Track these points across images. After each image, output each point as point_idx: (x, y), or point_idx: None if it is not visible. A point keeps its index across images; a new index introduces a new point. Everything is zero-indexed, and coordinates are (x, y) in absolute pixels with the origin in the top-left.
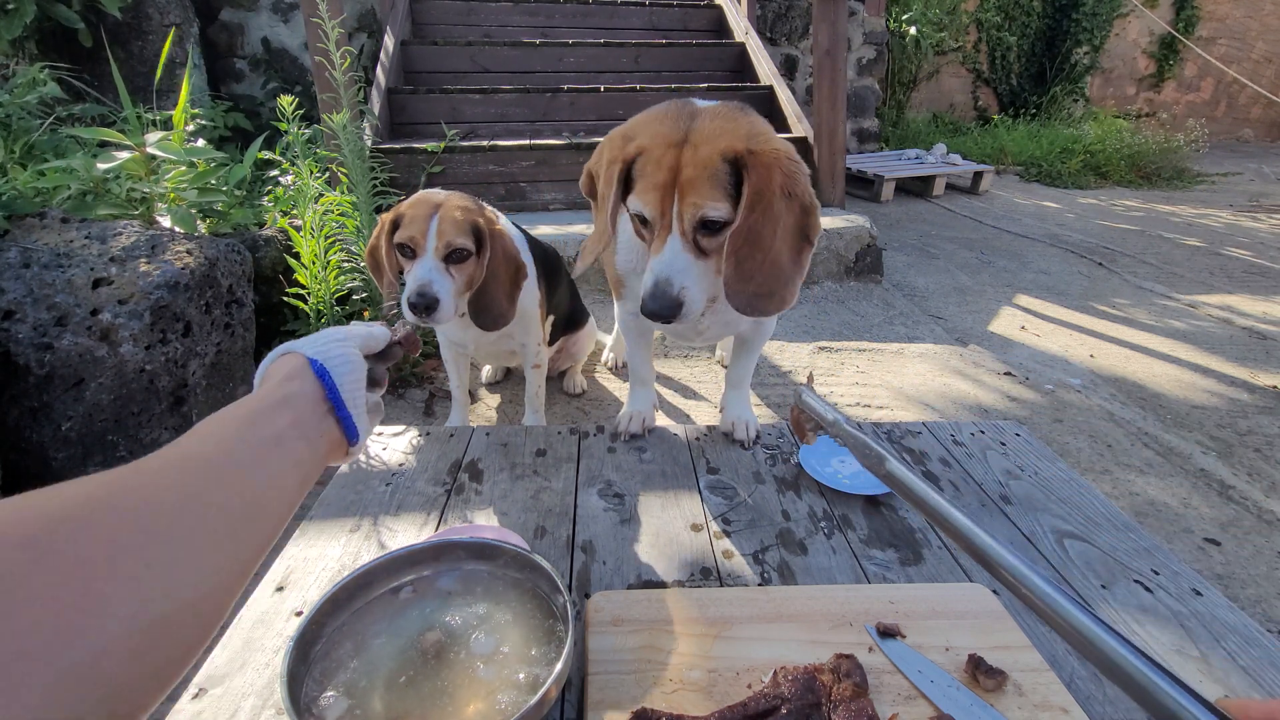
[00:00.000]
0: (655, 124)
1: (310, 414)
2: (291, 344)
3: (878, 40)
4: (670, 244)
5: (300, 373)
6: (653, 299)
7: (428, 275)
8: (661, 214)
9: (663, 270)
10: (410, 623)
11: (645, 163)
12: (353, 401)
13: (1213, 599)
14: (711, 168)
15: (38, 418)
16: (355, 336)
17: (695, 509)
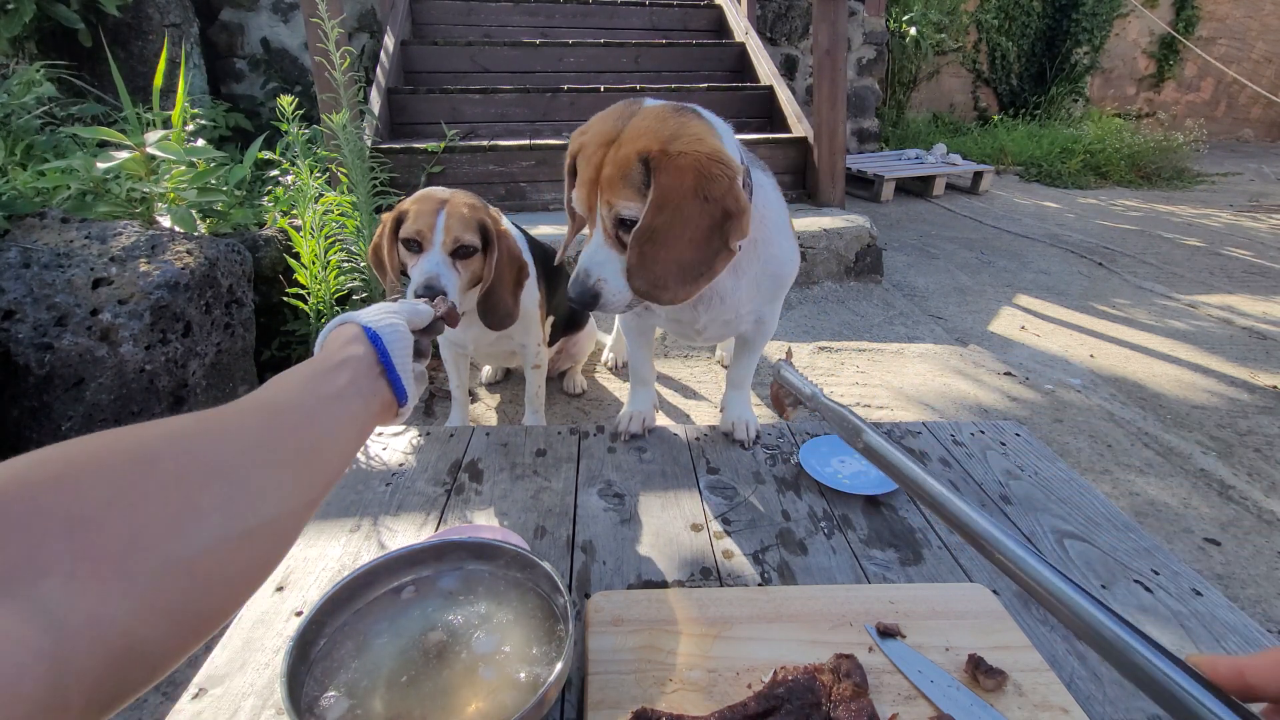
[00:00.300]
0: (601, 122)
1: (365, 375)
2: (348, 314)
3: (878, 40)
4: (595, 238)
5: (357, 338)
6: (571, 287)
7: (435, 268)
8: (589, 210)
9: (584, 262)
10: (412, 622)
11: (581, 160)
12: (402, 366)
13: (1213, 599)
14: (627, 167)
15: (38, 418)
16: (404, 311)
17: (695, 509)
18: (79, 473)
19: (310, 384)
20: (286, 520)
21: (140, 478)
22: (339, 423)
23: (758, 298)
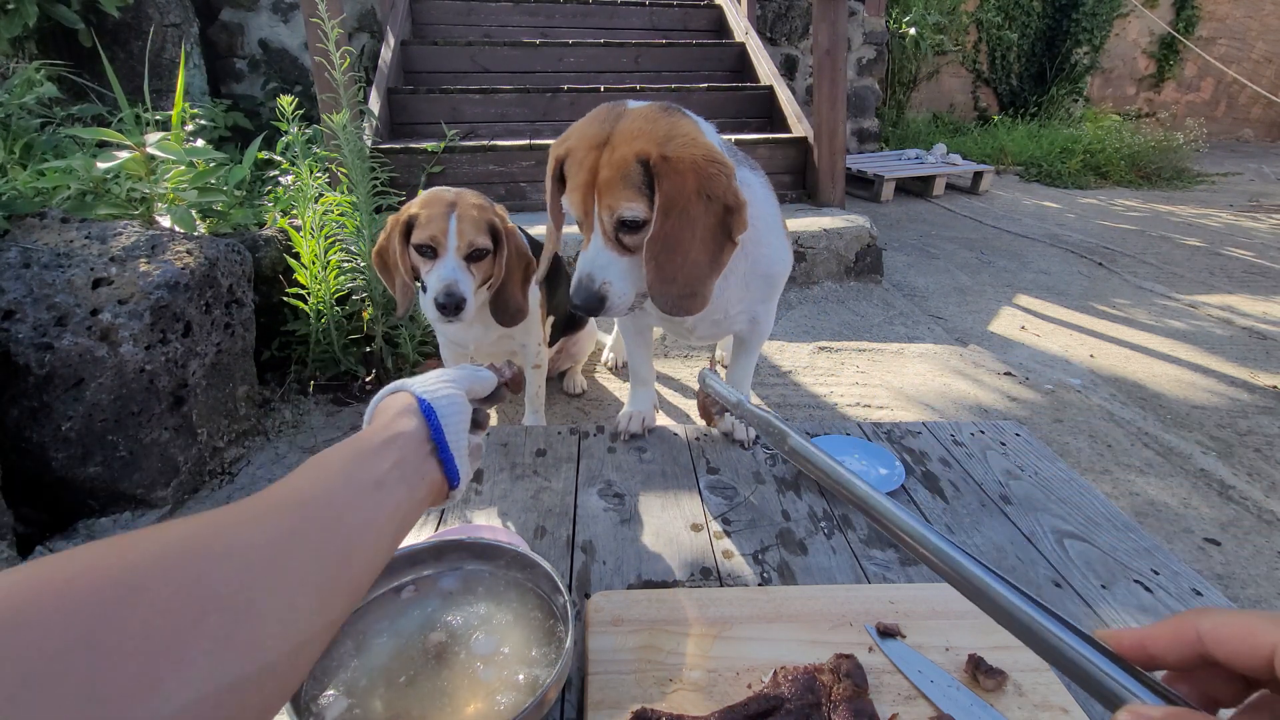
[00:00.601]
0: (586, 125)
1: (414, 454)
2: (402, 382)
3: (878, 40)
4: (594, 242)
5: (408, 411)
6: (576, 293)
7: (453, 275)
8: (585, 214)
9: (585, 266)
10: (411, 622)
11: (571, 164)
12: (456, 443)
13: (1213, 599)
14: (625, 169)
15: (38, 418)
16: (464, 379)
17: (695, 509)
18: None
19: (350, 468)
20: (298, 655)
21: (116, 615)
22: (378, 518)
23: (748, 297)
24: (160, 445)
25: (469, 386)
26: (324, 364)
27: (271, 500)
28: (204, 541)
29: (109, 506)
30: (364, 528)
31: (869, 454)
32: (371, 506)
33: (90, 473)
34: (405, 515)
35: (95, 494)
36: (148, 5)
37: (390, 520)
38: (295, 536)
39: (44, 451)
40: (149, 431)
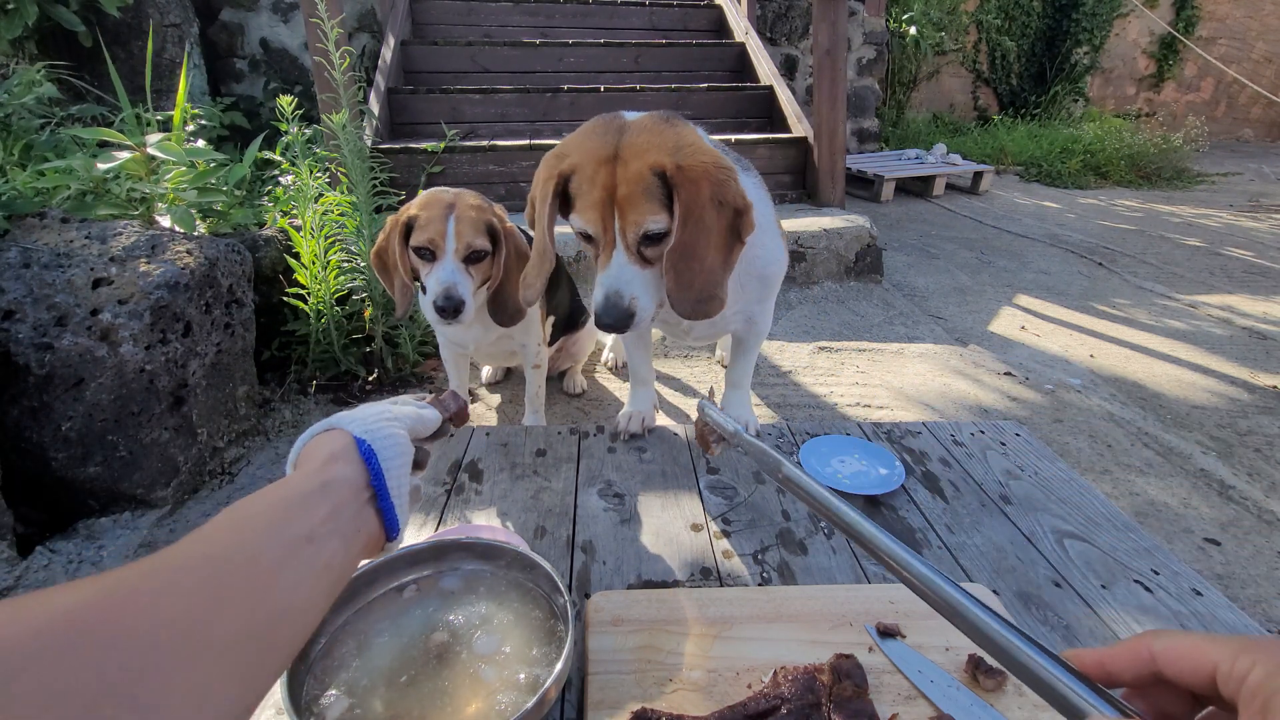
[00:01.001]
0: (586, 140)
1: (349, 503)
2: (337, 418)
3: (878, 40)
4: (616, 258)
5: (345, 454)
6: (605, 312)
7: (451, 277)
8: (604, 230)
9: (612, 283)
10: (413, 621)
11: (580, 181)
12: (397, 489)
13: (1213, 599)
14: (644, 182)
15: (38, 418)
16: (405, 417)
17: (695, 509)
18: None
19: (276, 520)
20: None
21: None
22: (308, 577)
23: (744, 298)
24: (160, 445)
25: (412, 425)
26: (324, 364)
27: (183, 559)
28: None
29: (109, 506)
30: (292, 591)
31: (869, 454)
32: (302, 565)
33: (90, 473)
34: (339, 574)
35: (95, 494)
36: (148, 5)
37: (323, 578)
38: (211, 606)
39: (44, 451)
40: (149, 431)
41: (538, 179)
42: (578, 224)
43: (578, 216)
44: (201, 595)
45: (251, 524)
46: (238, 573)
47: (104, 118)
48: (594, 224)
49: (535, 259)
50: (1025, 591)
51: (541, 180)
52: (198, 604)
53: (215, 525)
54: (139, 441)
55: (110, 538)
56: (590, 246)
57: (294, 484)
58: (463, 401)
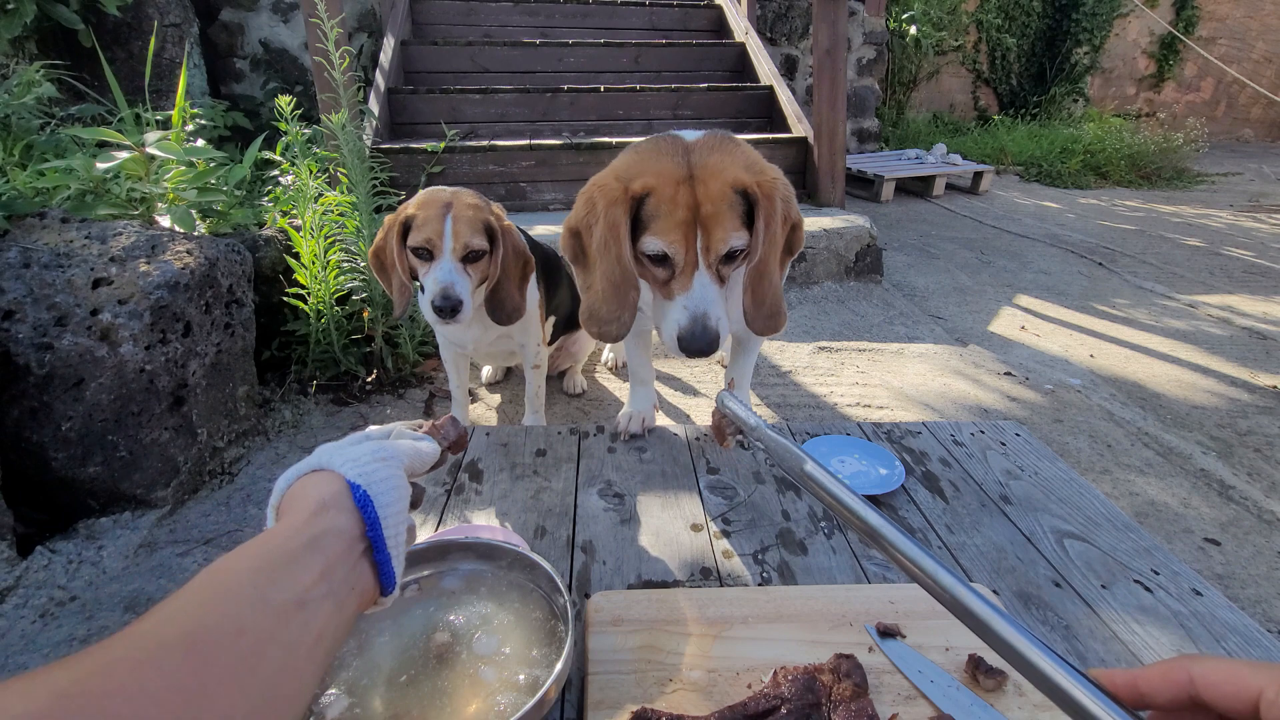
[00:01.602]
0: (654, 161)
1: (342, 559)
2: (325, 457)
3: (878, 40)
4: (699, 279)
5: (336, 501)
6: (693, 337)
7: (449, 277)
8: (686, 250)
9: (698, 305)
10: (413, 621)
11: (658, 201)
12: (394, 540)
13: (1213, 599)
14: (728, 200)
15: (38, 418)
16: (401, 454)
17: (695, 509)
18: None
19: (263, 584)
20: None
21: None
22: (299, 651)
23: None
24: (160, 445)
25: (408, 463)
26: (324, 364)
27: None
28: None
29: (109, 506)
30: (285, 669)
31: (869, 454)
32: (293, 635)
33: (90, 473)
34: (332, 642)
35: (95, 494)
36: (148, 5)
37: (315, 649)
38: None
39: (44, 451)
40: (149, 431)
41: (591, 209)
42: (655, 246)
43: (656, 238)
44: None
45: (235, 589)
46: (221, 650)
47: (104, 118)
48: (676, 244)
49: (610, 290)
50: (1025, 591)
51: (604, 205)
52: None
53: (194, 591)
54: (139, 441)
55: (110, 538)
56: (659, 270)
57: (280, 538)
58: (462, 429)
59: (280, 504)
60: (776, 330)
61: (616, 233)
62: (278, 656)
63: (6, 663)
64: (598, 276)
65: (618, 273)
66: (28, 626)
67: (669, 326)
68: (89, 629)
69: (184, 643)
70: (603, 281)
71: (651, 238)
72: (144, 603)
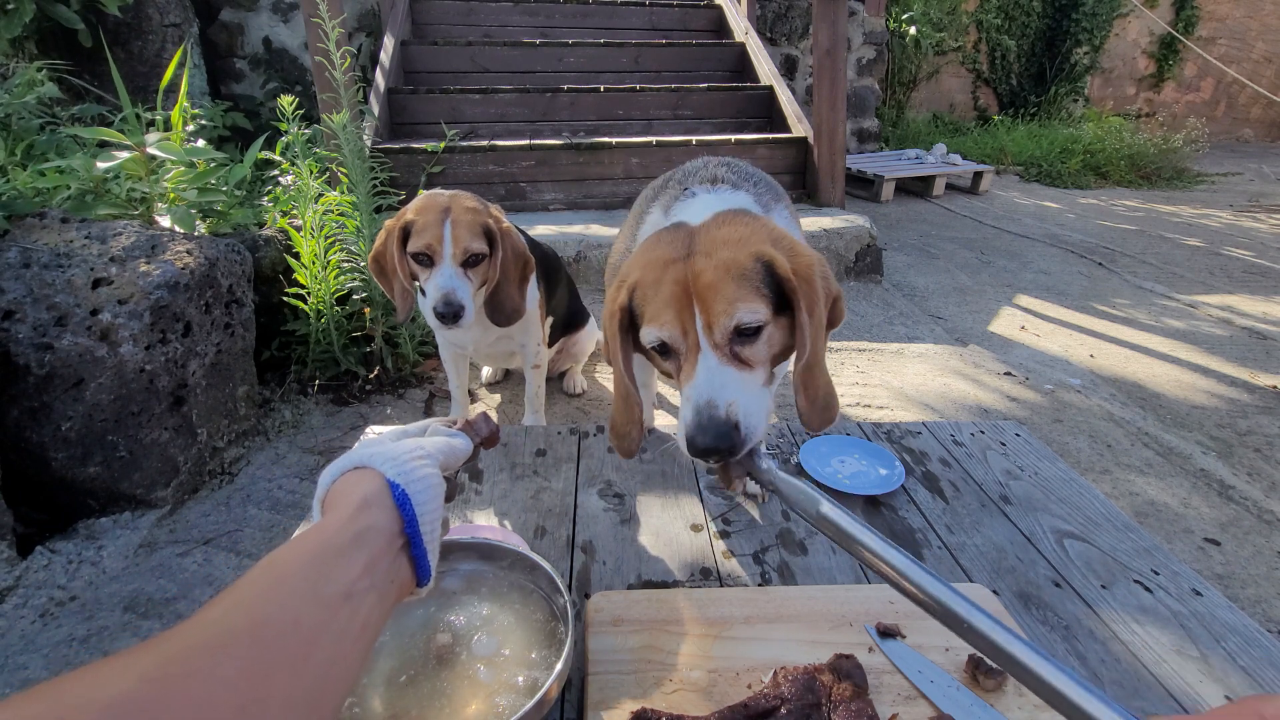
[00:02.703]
0: (648, 253)
1: (384, 554)
2: (366, 455)
3: (878, 40)
4: (703, 362)
5: (378, 500)
6: (700, 431)
7: (450, 283)
8: (684, 333)
9: (702, 394)
10: (414, 621)
11: (644, 291)
12: (430, 535)
13: (1213, 599)
14: (739, 268)
15: (38, 418)
16: (437, 451)
17: (695, 509)
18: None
19: (314, 577)
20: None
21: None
22: (347, 640)
23: None
24: (160, 445)
25: (443, 460)
26: (324, 364)
27: (229, 625)
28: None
29: (109, 506)
30: (333, 655)
31: (869, 454)
32: (342, 626)
33: (90, 473)
34: (374, 631)
35: (95, 494)
36: (148, 5)
37: (360, 641)
38: (261, 682)
39: (44, 451)
40: (149, 431)
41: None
42: (650, 336)
43: (650, 328)
44: (251, 671)
45: (291, 582)
46: (282, 639)
47: (104, 117)
48: (668, 325)
49: (620, 402)
50: (1025, 591)
51: (606, 318)
52: (247, 683)
53: (254, 582)
54: (139, 441)
55: (110, 538)
56: (670, 364)
57: (329, 533)
58: (494, 425)
59: (325, 498)
60: (833, 421)
61: (615, 346)
62: (329, 645)
63: (6, 663)
64: (614, 389)
65: (622, 384)
66: (28, 626)
67: (681, 427)
68: (89, 629)
69: (250, 631)
70: (615, 394)
71: (646, 328)
72: (144, 602)
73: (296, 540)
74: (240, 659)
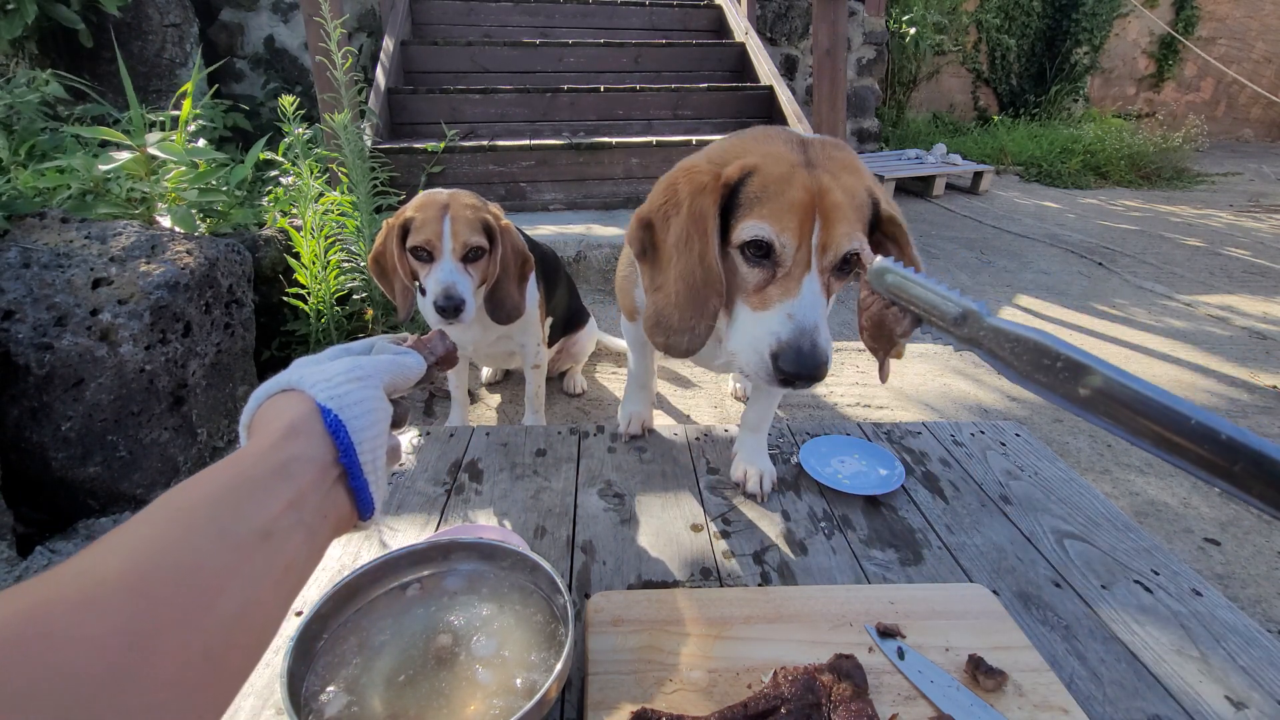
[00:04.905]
0: (759, 144)
1: (314, 488)
2: (296, 376)
3: (878, 40)
4: (809, 284)
5: (306, 426)
6: (800, 355)
7: (450, 277)
8: (798, 242)
9: (808, 316)
10: (415, 621)
11: (765, 181)
12: (372, 464)
13: (1213, 599)
14: (858, 198)
15: (38, 418)
16: (381, 371)
17: (695, 509)
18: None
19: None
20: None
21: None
22: (264, 585)
23: None
24: (160, 445)
25: (389, 380)
26: None
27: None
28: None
29: (109, 506)
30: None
31: (869, 454)
32: (258, 569)
33: (90, 473)
34: (302, 572)
35: (95, 494)
36: (148, 5)
37: (282, 584)
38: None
39: (44, 451)
40: (149, 431)
41: (674, 191)
42: (757, 232)
43: (763, 222)
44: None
45: (192, 521)
46: (175, 588)
47: (105, 117)
48: (788, 233)
49: (687, 294)
50: (1025, 591)
51: (689, 191)
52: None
53: (145, 523)
54: (139, 441)
55: None
56: (755, 271)
57: (244, 465)
58: (451, 344)
59: (251, 424)
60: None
61: (702, 225)
62: (240, 591)
63: None
64: (671, 277)
65: (699, 273)
66: None
67: (759, 340)
68: None
69: (130, 581)
70: (678, 283)
71: (756, 222)
72: None
73: (204, 472)
74: (113, 614)
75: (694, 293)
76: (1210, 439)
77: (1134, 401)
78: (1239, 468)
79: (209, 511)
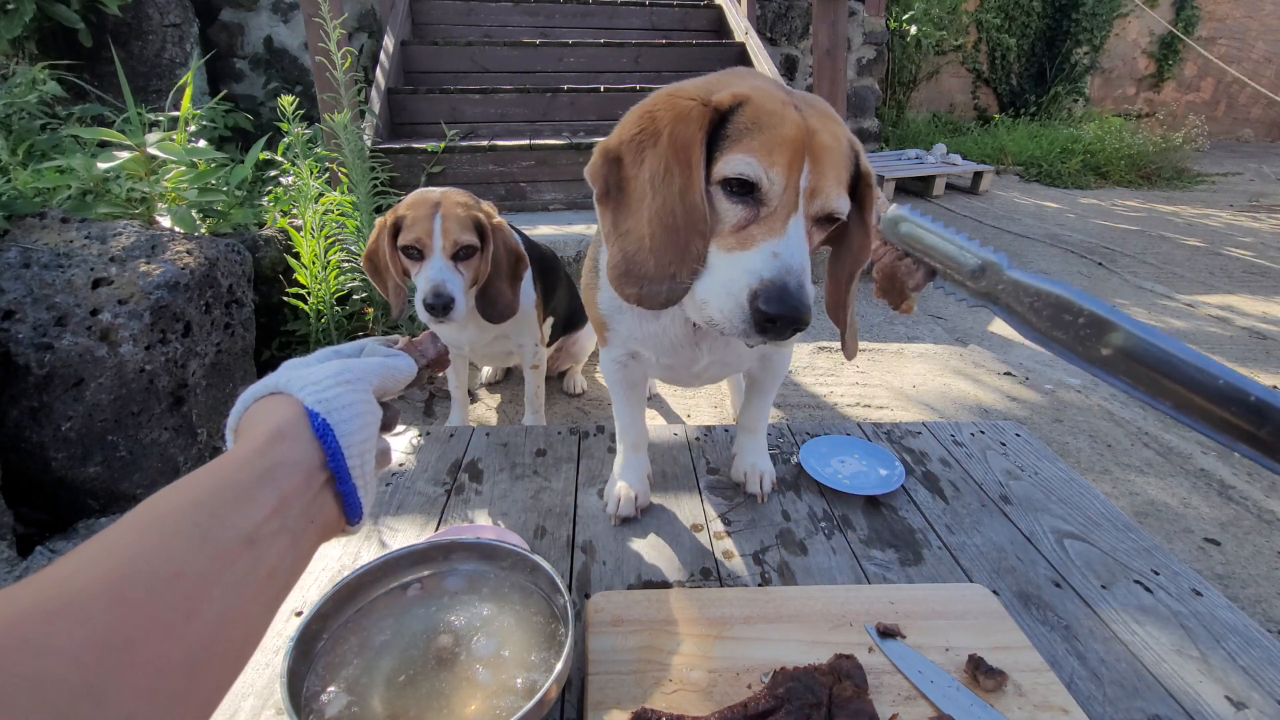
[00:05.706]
0: (748, 79)
1: (299, 493)
2: (284, 379)
3: (878, 40)
4: (794, 226)
5: (293, 430)
6: (785, 293)
7: (440, 275)
8: (786, 180)
9: (795, 255)
10: (416, 621)
11: (757, 113)
12: (360, 469)
13: (1213, 599)
14: (844, 146)
15: (38, 418)
16: (370, 374)
17: (695, 509)
18: None
19: (205, 520)
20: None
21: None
22: (246, 591)
23: None
24: (160, 445)
25: (378, 383)
26: None
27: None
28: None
29: (109, 507)
30: (230, 610)
31: (869, 454)
32: (240, 575)
33: (90, 473)
34: (287, 578)
35: (95, 494)
36: (148, 5)
37: (265, 591)
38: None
39: (44, 451)
40: (149, 431)
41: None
42: (742, 167)
43: (752, 156)
44: (104, 639)
45: (172, 527)
46: (154, 596)
47: (104, 117)
48: (777, 169)
49: (665, 237)
50: (1025, 592)
51: (671, 119)
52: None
53: (125, 530)
54: (139, 441)
55: None
56: (737, 208)
57: (228, 470)
58: (442, 346)
59: (238, 428)
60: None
61: (685, 156)
62: (222, 599)
63: None
64: (645, 218)
65: (680, 211)
66: None
67: (735, 282)
68: None
69: (107, 590)
70: (653, 224)
71: (744, 155)
72: None
73: (187, 479)
74: (90, 624)
75: (673, 235)
76: (1238, 400)
77: (1158, 361)
78: (1266, 431)
79: (191, 517)
